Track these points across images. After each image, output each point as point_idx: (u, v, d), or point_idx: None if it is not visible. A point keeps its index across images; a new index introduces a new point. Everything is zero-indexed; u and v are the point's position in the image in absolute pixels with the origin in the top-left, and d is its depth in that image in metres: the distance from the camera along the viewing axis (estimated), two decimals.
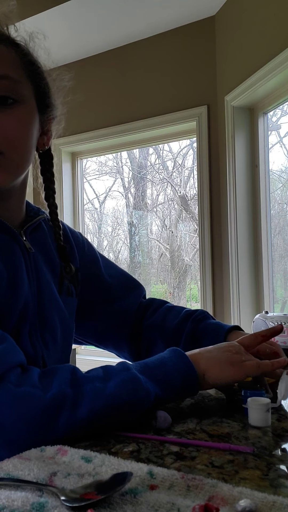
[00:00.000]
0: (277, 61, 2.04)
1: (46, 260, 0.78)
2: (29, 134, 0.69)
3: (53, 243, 0.81)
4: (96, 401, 0.56)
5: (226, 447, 0.54)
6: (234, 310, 2.41)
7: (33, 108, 0.69)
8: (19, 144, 0.66)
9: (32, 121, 0.69)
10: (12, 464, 0.47)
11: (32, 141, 0.70)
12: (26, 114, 0.68)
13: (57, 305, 0.77)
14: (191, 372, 0.63)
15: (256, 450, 0.53)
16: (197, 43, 2.63)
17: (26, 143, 0.68)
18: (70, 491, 0.41)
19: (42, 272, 0.75)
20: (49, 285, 0.76)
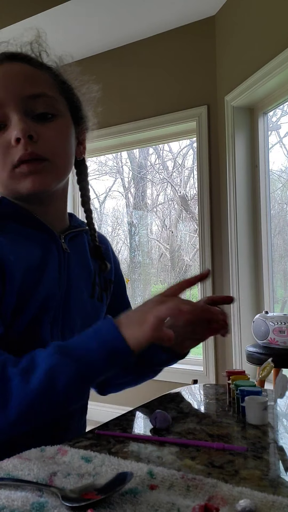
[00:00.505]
0: (277, 61, 2.04)
1: (81, 264, 0.82)
2: (69, 143, 0.78)
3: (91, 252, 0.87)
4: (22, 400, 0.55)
5: (220, 446, 0.54)
6: (234, 310, 2.41)
7: (69, 120, 0.79)
8: (61, 152, 0.75)
9: (69, 131, 0.78)
10: (12, 464, 0.47)
11: (72, 149, 0.79)
12: (64, 126, 0.77)
13: (83, 307, 0.79)
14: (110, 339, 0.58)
15: (249, 449, 0.53)
16: (197, 43, 2.63)
17: (66, 151, 0.77)
18: (70, 491, 0.41)
19: (75, 274, 0.79)
20: (79, 287, 0.79)
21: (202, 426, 0.64)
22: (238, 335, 2.39)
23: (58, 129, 0.75)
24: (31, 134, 0.70)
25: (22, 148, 0.70)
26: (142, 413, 0.71)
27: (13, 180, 0.72)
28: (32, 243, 0.74)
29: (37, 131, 0.71)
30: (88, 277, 0.83)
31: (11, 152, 0.71)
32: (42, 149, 0.71)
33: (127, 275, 3.82)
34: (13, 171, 0.72)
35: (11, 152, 0.71)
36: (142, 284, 3.85)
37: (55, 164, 0.74)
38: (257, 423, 0.62)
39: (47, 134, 0.73)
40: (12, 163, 0.71)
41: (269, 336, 1.89)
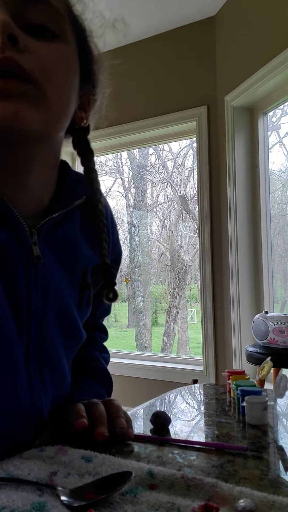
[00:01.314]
0: (277, 61, 2.04)
1: (66, 268, 0.59)
2: (69, 73, 0.55)
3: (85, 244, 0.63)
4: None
5: (219, 446, 0.54)
6: (234, 310, 2.41)
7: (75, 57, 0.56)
8: (56, 77, 0.51)
9: (74, 67, 0.56)
10: (12, 464, 0.47)
11: (72, 91, 0.56)
12: (68, 52, 0.54)
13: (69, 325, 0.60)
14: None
15: (249, 449, 0.53)
16: (197, 43, 2.63)
17: (64, 80, 0.53)
18: (70, 491, 0.41)
19: (53, 286, 0.56)
20: (61, 299, 0.58)
21: (202, 426, 0.64)
22: (238, 335, 2.39)
23: (58, 49, 0.52)
24: (15, 35, 0.47)
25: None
26: (142, 413, 0.71)
27: None
28: None
29: (27, 42, 0.49)
30: (76, 279, 0.61)
31: None
32: (30, 64, 0.48)
33: (127, 275, 3.82)
34: None
35: None
36: (142, 284, 3.85)
37: (45, 94, 0.50)
38: (257, 423, 0.62)
39: (41, 49, 0.50)
40: None
41: (269, 336, 1.89)
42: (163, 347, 3.86)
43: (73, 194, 0.61)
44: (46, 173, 0.58)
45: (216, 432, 0.60)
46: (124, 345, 3.97)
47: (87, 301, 0.63)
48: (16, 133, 0.49)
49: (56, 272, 0.57)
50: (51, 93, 0.50)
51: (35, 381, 0.54)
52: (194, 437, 0.59)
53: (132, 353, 3.17)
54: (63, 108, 0.54)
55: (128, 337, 4.02)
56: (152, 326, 3.95)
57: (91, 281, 0.63)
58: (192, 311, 4.08)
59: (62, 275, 0.58)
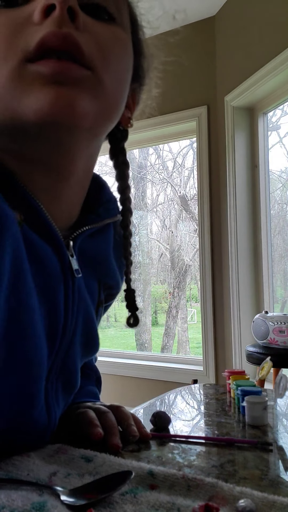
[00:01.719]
0: (277, 61, 2.04)
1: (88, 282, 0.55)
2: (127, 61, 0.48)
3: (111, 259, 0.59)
4: None
5: (230, 440, 0.55)
6: (234, 310, 2.41)
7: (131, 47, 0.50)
8: (114, 64, 0.44)
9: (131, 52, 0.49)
10: (12, 464, 0.47)
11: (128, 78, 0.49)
12: (126, 38, 0.48)
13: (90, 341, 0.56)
14: None
15: (249, 449, 0.53)
16: (197, 43, 2.63)
17: (121, 68, 0.46)
18: (70, 491, 0.41)
19: (83, 303, 0.52)
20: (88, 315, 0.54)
21: (202, 426, 0.64)
22: (238, 335, 2.39)
23: (118, 35, 0.45)
24: (75, 10, 0.39)
25: (52, 23, 0.38)
26: (142, 413, 0.71)
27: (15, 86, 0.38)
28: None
29: (86, 20, 0.42)
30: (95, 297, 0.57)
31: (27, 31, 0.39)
32: (89, 45, 0.41)
33: None
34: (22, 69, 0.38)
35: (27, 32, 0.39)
36: (142, 284, 3.85)
37: (103, 84, 0.42)
38: (257, 423, 0.62)
39: (100, 31, 0.43)
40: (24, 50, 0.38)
41: (269, 336, 1.89)
42: (163, 347, 3.86)
43: (109, 208, 0.57)
44: (83, 181, 0.51)
45: (216, 432, 0.60)
46: (124, 345, 3.97)
47: (100, 316, 0.61)
48: (67, 127, 0.40)
49: (84, 286, 0.53)
50: (108, 81, 0.43)
51: (51, 397, 0.50)
52: (193, 438, 0.58)
53: (132, 353, 3.17)
54: (118, 101, 0.47)
55: (128, 337, 4.02)
56: (152, 326, 3.96)
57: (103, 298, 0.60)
58: (192, 311, 4.08)
59: (87, 290, 0.54)
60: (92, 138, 0.46)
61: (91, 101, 0.41)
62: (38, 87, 0.38)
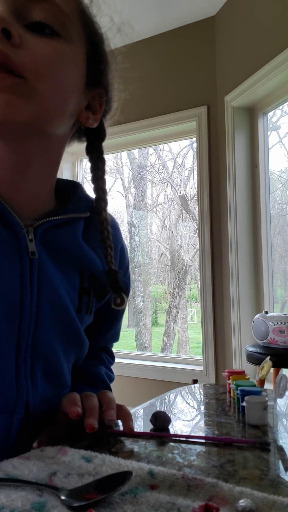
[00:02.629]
0: (277, 61, 2.04)
1: (63, 269, 0.60)
2: (66, 70, 0.54)
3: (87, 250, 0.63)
4: None
5: (228, 440, 0.55)
6: (234, 310, 2.41)
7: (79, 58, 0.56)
8: (50, 73, 0.51)
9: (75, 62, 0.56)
10: (11, 464, 0.47)
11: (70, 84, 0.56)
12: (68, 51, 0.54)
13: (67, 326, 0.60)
14: None
15: (249, 448, 0.53)
16: (197, 43, 2.63)
17: (60, 77, 0.53)
18: (70, 491, 0.41)
19: (52, 285, 0.57)
20: (59, 302, 0.58)
21: (202, 426, 0.64)
22: (238, 335, 2.39)
23: (56, 48, 0.52)
24: (10, 30, 0.48)
25: None
26: (142, 413, 0.71)
27: None
28: None
29: (24, 37, 0.50)
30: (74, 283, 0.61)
31: None
32: (21, 58, 0.49)
33: None
34: None
35: None
36: (142, 284, 3.85)
37: (37, 90, 0.50)
38: (257, 423, 0.62)
39: (38, 45, 0.51)
40: None
41: (269, 336, 1.89)
42: (163, 347, 3.86)
43: (77, 207, 0.63)
44: (43, 170, 0.59)
45: (216, 432, 0.60)
46: (124, 345, 3.97)
47: (86, 307, 0.63)
48: (8, 123, 0.50)
49: (54, 272, 0.58)
50: (43, 88, 0.51)
51: (24, 375, 0.55)
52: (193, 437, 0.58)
53: (132, 353, 3.17)
54: (58, 104, 0.54)
55: (128, 337, 4.02)
56: (152, 326, 3.96)
57: (89, 287, 0.63)
58: (192, 311, 4.08)
59: (61, 277, 0.59)
60: (39, 134, 0.54)
61: (23, 102, 0.50)
62: None
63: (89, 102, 0.63)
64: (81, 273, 0.62)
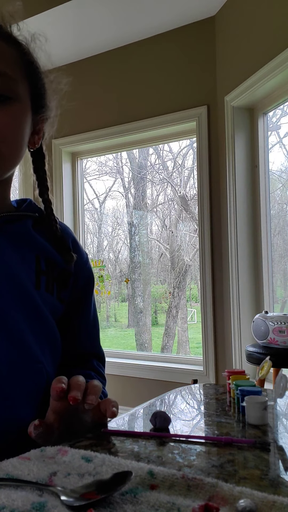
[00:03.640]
0: (277, 61, 2.04)
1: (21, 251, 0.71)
2: (21, 132, 0.70)
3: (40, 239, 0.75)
4: None
5: (228, 440, 0.55)
6: (234, 310, 2.41)
7: (27, 107, 0.70)
8: (10, 140, 0.67)
9: (25, 119, 0.70)
10: (11, 464, 0.47)
11: (24, 139, 0.70)
12: (20, 112, 0.68)
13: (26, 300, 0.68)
14: None
15: (249, 448, 0.53)
16: (197, 43, 2.63)
17: (17, 140, 0.69)
18: (70, 491, 0.41)
19: (8, 263, 0.67)
20: (16, 278, 0.67)
21: (202, 426, 0.64)
22: (238, 335, 2.39)
23: (11, 114, 0.66)
24: None
25: None
26: (142, 413, 0.71)
27: None
28: None
29: None
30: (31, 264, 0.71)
31: None
32: None
33: (127, 275, 3.82)
34: None
35: None
36: (142, 284, 3.85)
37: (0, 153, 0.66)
38: (257, 423, 0.62)
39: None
40: None
41: (269, 336, 1.89)
42: (163, 347, 3.86)
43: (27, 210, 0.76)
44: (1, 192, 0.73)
45: (216, 432, 0.60)
46: (124, 345, 3.97)
47: (45, 286, 0.71)
48: None
49: (9, 253, 0.68)
50: (6, 150, 0.66)
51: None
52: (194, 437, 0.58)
53: (132, 353, 3.17)
54: (16, 157, 0.69)
55: (128, 337, 4.01)
56: (152, 326, 3.95)
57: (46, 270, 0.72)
58: (192, 311, 4.08)
59: (16, 257, 0.69)
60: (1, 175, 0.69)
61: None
62: None
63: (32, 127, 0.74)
64: (37, 257, 0.72)
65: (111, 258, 4.07)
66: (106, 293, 3.62)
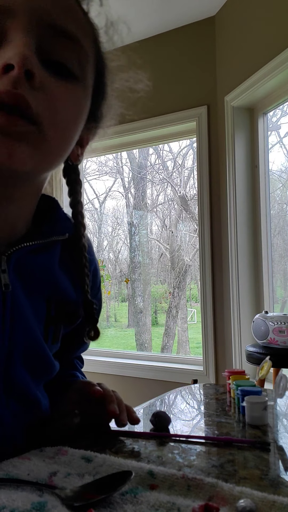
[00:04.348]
0: (277, 61, 2.04)
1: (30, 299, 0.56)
2: (77, 124, 0.52)
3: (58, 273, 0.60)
4: None
5: (228, 440, 0.55)
6: (234, 310, 2.41)
7: (88, 101, 0.54)
8: (62, 123, 0.49)
9: (84, 112, 0.53)
10: (11, 464, 0.47)
11: (76, 135, 0.54)
12: (82, 100, 0.52)
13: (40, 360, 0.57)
14: None
15: (250, 448, 0.53)
16: (197, 43, 2.63)
17: (70, 126, 0.51)
18: (70, 491, 0.41)
19: (22, 319, 0.54)
20: (31, 334, 0.55)
21: (202, 426, 0.64)
22: (238, 335, 2.39)
23: (73, 97, 0.49)
24: (33, 71, 0.44)
25: (8, 82, 0.43)
26: (142, 413, 0.71)
27: None
28: None
29: (43, 79, 0.45)
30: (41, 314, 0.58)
31: None
32: (39, 104, 0.45)
33: (127, 275, 3.83)
34: None
35: None
36: (142, 284, 3.85)
37: (46, 139, 0.47)
38: (257, 423, 0.62)
39: (56, 90, 0.47)
40: None
41: (269, 336, 1.89)
42: (163, 347, 3.86)
43: (55, 229, 0.59)
44: (25, 202, 0.55)
45: (216, 432, 0.60)
46: (124, 345, 3.97)
47: (53, 337, 0.60)
48: (8, 171, 0.45)
49: (26, 304, 0.54)
50: (53, 138, 0.48)
51: (3, 411, 0.53)
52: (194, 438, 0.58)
53: (132, 353, 3.17)
54: (61, 154, 0.52)
55: (128, 337, 4.02)
56: (152, 326, 3.95)
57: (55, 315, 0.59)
58: (192, 311, 4.08)
59: (30, 307, 0.55)
60: (32, 178, 0.51)
61: (31, 152, 0.46)
62: None
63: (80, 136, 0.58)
64: (48, 301, 0.58)
65: (111, 258, 4.07)
66: (106, 293, 3.62)
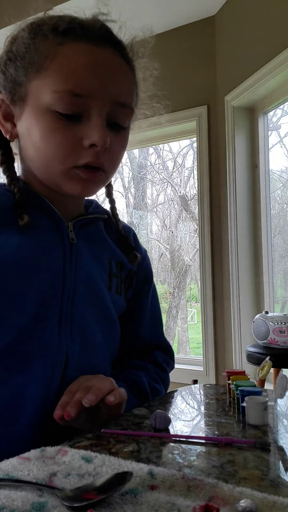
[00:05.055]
0: (277, 61, 2.04)
1: (95, 254, 0.76)
2: (124, 152, 0.76)
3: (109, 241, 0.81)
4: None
5: (228, 440, 0.54)
6: (234, 310, 2.41)
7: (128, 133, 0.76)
8: (118, 166, 0.75)
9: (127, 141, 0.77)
10: (11, 465, 0.47)
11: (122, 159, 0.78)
12: (127, 139, 0.75)
13: (100, 301, 0.73)
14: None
15: (250, 448, 0.53)
16: (197, 43, 2.63)
17: (120, 161, 0.76)
18: (70, 491, 0.41)
19: (86, 266, 0.72)
20: (92, 279, 0.73)
21: (202, 426, 0.64)
22: (238, 335, 2.39)
23: (123, 143, 0.73)
24: (108, 147, 0.66)
25: (94, 156, 0.66)
26: (142, 413, 0.70)
27: (65, 178, 0.68)
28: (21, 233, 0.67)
29: (111, 142, 0.67)
30: (104, 268, 0.77)
31: (79, 151, 0.66)
32: (108, 161, 0.69)
33: None
34: (70, 170, 0.67)
35: (79, 152, 0.66)
36: None
37: (108, 177, 0.73)
38: (257, 423, 0.62)
39: (115, 147, 0.69)
40: (75, 163, 0.66)
41: (269, 336, 1.89)
42: None
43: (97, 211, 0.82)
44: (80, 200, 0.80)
45: (217, 432, 0.60)
46: None
47: (116, 287, 0.77)
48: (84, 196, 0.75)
49: (87, 256, 0.73)
50: (111, 175, 0.74)
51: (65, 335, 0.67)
52: (194, 438, 0.58)
53: None
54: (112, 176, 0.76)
55: None
56: None
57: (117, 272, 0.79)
58: (192, 311, 4.08)
59: (92, 260, 0.74)
60: None
61: (100, 187, 0.74)
62: (76, 181, 0.69)
63: None
64: (109, 260, 0.78)
65: None
66: None
